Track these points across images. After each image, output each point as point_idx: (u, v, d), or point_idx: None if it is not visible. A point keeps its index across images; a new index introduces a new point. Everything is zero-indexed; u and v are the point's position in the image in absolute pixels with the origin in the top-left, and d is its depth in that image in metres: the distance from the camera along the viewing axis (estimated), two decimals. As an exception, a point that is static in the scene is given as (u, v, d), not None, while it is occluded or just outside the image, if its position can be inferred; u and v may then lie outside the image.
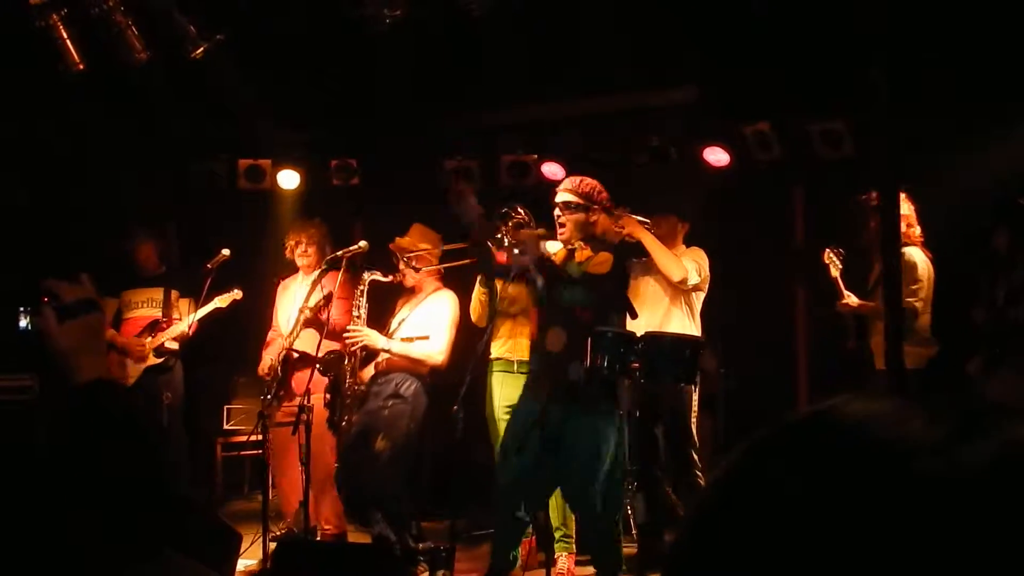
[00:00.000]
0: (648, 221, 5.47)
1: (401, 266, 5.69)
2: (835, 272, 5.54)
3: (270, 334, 6.34)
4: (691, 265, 5.46)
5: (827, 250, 5.59)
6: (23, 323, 5.86)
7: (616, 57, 6.14)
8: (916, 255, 5.38)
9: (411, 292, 5.82)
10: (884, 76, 3.90)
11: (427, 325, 5.62)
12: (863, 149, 6.14)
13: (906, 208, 5.24)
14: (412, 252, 5.68)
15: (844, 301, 5.49)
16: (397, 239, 5.76)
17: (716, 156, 6.58)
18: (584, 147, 7.05)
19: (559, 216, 4.87)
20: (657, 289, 5.58)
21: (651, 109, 7.04)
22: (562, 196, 4.88)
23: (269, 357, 6.14)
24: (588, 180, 4.93)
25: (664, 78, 6.69)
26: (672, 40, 6.05)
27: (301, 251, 6.17)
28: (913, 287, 5.29)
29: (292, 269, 6.37)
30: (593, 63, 6.33)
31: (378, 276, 5.62)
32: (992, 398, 0.59)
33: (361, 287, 5.59)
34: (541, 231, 4.90)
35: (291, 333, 5.89)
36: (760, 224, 6.80)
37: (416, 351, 5.56)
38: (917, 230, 5.44)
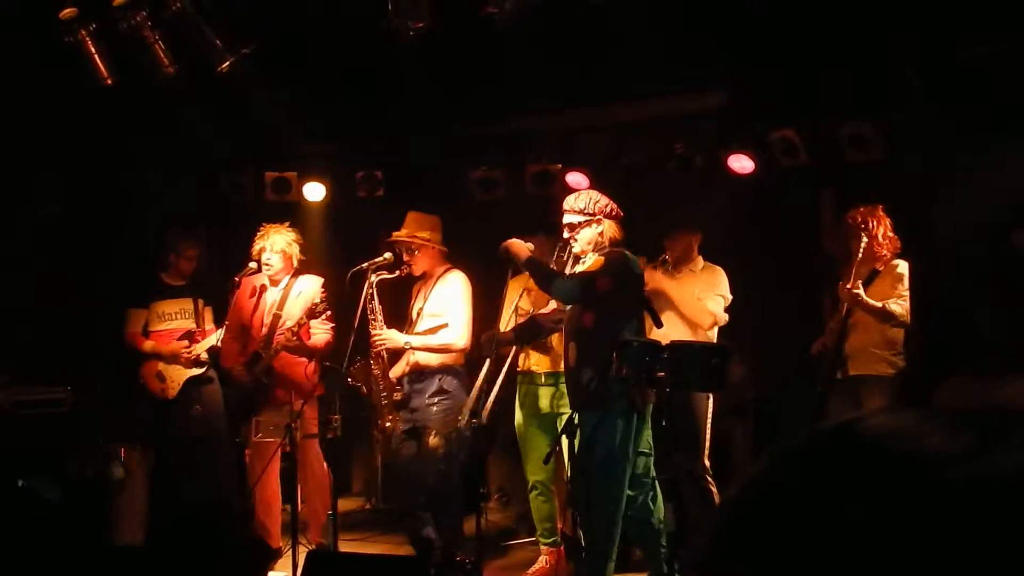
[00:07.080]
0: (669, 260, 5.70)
1: (405, 257, 5.70)
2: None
3: (221, 333, 6.24)
4: (715, 304, 5.61)
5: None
6: None
7: (643, 64, 6.11)
8: (904, 267, 5.42)
9: (423, 280, 5.83)
10: (918, 77, 3.86)
11: (443, 311, 5.64)
12: (892, 152, 6.07)
13: (884, 224, 5.43)
14: (412, 242, 5.68)
15: (849, 286, 5.37)
16: (394, 233, 5.76)
17: (741, 163, 6.54)
18: (610, 155, 7.03)
19: (568, 236, 5.03)
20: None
21: (678, 116, 7.01)
22: (565, 218, 5.04)
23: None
24: (583, 194, 5.12)
25: (691, 85, 6.65)
26: (700, 46, 6.02)
27: (266, 259, 6.07)
28: (902, 297, 5.30)
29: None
30: (619, 71, 6.31)
31: (384, 274, 5.63)
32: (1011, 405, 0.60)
33: (369, 291, 5.59)
34: (530, 245, 5.15)
35: (272, 342, 5.91)
36: (788, 229, 6.75)
37: (437, 340, 5.58)
38: (898, 242, 5.48)
